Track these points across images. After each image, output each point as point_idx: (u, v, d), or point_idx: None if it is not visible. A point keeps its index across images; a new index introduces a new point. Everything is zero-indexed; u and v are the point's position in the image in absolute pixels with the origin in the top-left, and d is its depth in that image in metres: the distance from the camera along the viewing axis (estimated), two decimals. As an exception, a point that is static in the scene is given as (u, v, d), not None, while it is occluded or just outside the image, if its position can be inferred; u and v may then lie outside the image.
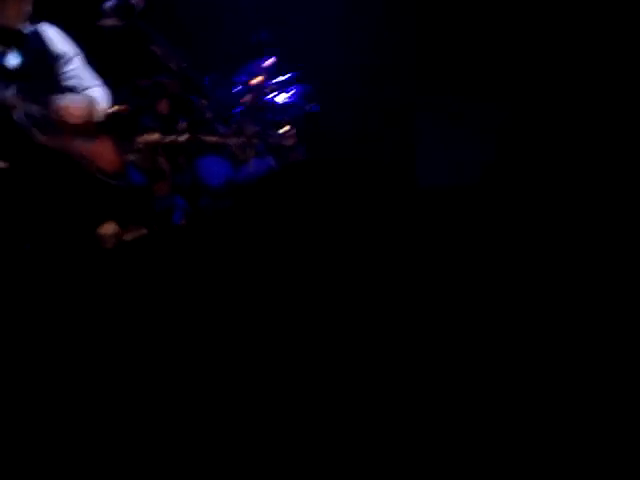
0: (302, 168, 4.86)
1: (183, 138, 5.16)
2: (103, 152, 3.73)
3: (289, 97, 5.66)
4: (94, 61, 3.91)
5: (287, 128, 5.53)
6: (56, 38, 3.72)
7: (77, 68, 3.76)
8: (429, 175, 5.40)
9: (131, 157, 5.10)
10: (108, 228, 4.92)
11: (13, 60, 3.55)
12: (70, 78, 3.72)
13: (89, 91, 3.76)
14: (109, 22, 4.36)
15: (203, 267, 4.77)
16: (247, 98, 5.46)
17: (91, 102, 3.70)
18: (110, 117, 4.10)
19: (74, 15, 4.33)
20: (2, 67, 3.51)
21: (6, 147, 3.46)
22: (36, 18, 3.69)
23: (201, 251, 4.97)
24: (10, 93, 3.41)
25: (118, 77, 5.18)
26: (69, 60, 3.74)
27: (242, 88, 5.53)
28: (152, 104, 5.25)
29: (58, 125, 3.55)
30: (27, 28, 3.64)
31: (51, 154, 3.54)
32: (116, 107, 5.05)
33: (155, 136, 5.16)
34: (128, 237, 4.95)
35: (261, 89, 5.52)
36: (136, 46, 4.75)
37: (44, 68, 3.64)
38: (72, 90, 3.73)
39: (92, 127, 3.72)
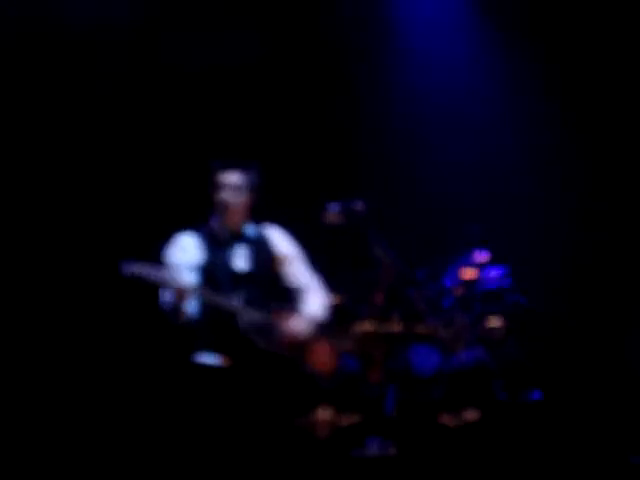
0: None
1: (397, 328, 5.38)
2: (318, 356, 3.89)
3: (499, 289, 5.77)
4: (313, 255, 4.16)
5: (497, 320, 5.63)
6: (279, 239, 3.93)
7: (298, 269, 3.99)
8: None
9: (347, 344, 5.34)
10: (323, 414, 5.12)
11: (240, 261, 3.83)
12: (291, 278, 3.95)
13: (309, 296, 3.96)
14: (333, 220, 4.69)
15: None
16: (458, 291, 5.64)
17: (311, 320, 3.90)
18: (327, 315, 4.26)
19: (294, 214, 4.70)
20: (229, 269, 3.81)
21: (229, 350, 3.72)
22: (258, 218, 3.92)
23: (413, 444, 5.06)
24: (236, 300, 3.70)
25: (338, 269, 5.52)
26: (292, 262, 3.97)
27: (454, 281, 5.72)
28: (368, 295, 5.52)
29: (278, 335, 3.78)
30: (250, 229, 3.90)
31: (270, 358, 3.75)
32: (335, 299, 5.36)
33: (371, 325, 5.41)
34: (343, 423, 5.13)
35: (472, 282, 5.69)
36: (355, 242, 5.07)
37: (267, 268, 3.90)
38: (292, 291, 3.95)
39: (309, 337, 3.92)
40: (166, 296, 3.60)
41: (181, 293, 3.51)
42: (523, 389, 5.43)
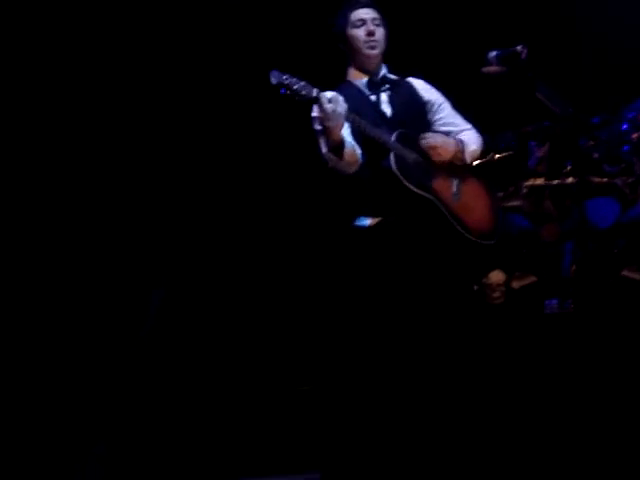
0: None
1: (570, 180, 5.02)
2: (475, 209, 3.64)
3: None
4: (470, 107, 3.89)
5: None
6: (423, 87, 3.77)
7: (447, 115, 3.76)
8: None
9: (517, 202, 5.06)
10: (496, 276, 4.90)
11: (386, 107, 3.64)
12: (441, 125, 3.73)
13: (461, 134, 3.73)
14: (494, 69, 4.35)
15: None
16: (636, 135, 5.18)
17: (460, 143, 3.67)
18: (487, 163, 4.01)
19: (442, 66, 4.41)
20: (380, 112, 3.61)
21: (379, 190, 3.54)
22: (401, 71, 3.77)
23: (593, 301, 4.79)
24: (390, 137, 3.48)
25: (502, 123, 5.19)
26: (439, 107, 3.75)
27: (631, 125, 5.27)
28: (537, 148, 5.18)
29: (430, 172, 3.54)
30: (390, 74, 3.70)
31: (419, 204, 3.52)
32: (499, 154, 5.05)
33: (541, 180, 5.08)
34: (516, 285, 4.90)
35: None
36: (520, 92, 4.70)
37: (414, 116, 3.68)
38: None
39: (463, 171, 3.66)
40: (318, 129, 3.43)
41: (332, 116, 3.29)
42: None
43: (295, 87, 3.27)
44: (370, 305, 3.55)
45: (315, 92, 3.31)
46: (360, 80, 3.66)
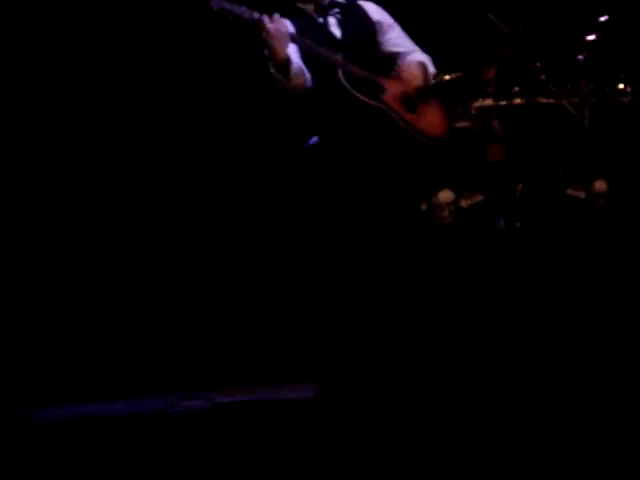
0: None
1: (517, 101, 5.09)
2: (428, 116, 3.74)
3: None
4: (417, 30, 3.93)
5: (623, 85, 5.28)
6: (373, 9, 3.83)
7: (397, 36, 3.82)
8: None
9: (465, 123, 5.12)
10: (444, 196, 4.98)
11: (335, 29, 3.68)
12: (390, 45, 3.79)
13: (413, 55, 3.80)
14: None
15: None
16: (582, 56, 5.25)
17: (422, 65, 3.75)
18: (440, 84, 4.10)
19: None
20: (328, 35, 3.66)
21: (328, 105, 3.60)
22: None
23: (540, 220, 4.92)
24: (338, 56, 3.55)
25: (448, 43, 5.22)
26: (388, 28, 3.81)
27: (577, 47, 5.33)
28: (484, 69, 5.22)
29: (380, 88, 3.61)
30: (341, 1, 3.74)
31: (372, 116, 3.59)
32: (449, 75, 5.09)
33: (489, 101, 5.14)
34: (465, 204, 4.99)
35: (594, 46, 5.30)
36: (470, 12, 4.74)
37: (363, 37, 3.74)
38: (394, 56, 3.79)
39: (421, 92, 3.74)
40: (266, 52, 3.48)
41: (276, 35, 3.38)
42: None
43: (236, 11, 3.34)
44: (324, 222, 3.63)
45: (257, 15, 3.40)
46: (308, 5, 3.71)
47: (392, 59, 3.85)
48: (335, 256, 3.60)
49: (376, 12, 3.84)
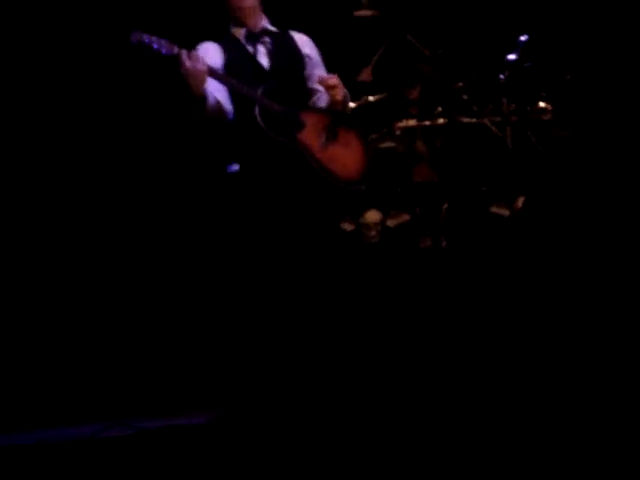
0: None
1: (440, 121, 5.18)
2: (344, 156, 3.73)
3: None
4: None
5: (544, 103, 5.40)
6: (303, 41, 3.85)
7: (322, 72, 3.86)
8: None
9: (390, 144, 5.19)
10: (371, 216, 5.05)
11: (263, 59, 3.71)
12: (314, 82, 3.82)
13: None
14: (365, 13, 4.44)
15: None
16: (503, 76, 5.35)
17: (346, 95, 3.78)
18: (364, 106, 4.12)
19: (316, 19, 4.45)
20: (255, 65, 3.68)
21: (246, 141, 3.63)
22: (281, 23, 3.84)
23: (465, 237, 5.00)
24: (257, 91, 3.56)
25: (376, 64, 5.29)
26: (315, 64, 3.84)
27: (498, 67, 5.44)
28: (408, 90, 5.31)
29: (299, 123, 3.63)
30: (273, 30, 3.77)
31: (287, 155, 3.62)
32: (372, 97, 5.18)
33: (413, 121, 5.23)
34: (391, 224, 5.06)
35: (515, 65, 5.40)
36: (391, 35, 4.82)
37: (291, 68, 3.76)
38: (316, 94, 3.82)
39: (335, 122, 3.74)
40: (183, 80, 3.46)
41: (192, 74, 3.39)
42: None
43: (155, 46, 3.35)
44: (242, 246, 3.66)
45: (176, 49, 3.40)
46: (241, 30, 3.72)
47: (315, 94, 3.86)
48: (255, 279, 3.62)
49: (307, 45, 3.84)
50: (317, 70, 3.82)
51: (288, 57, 3.77)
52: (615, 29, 5.52)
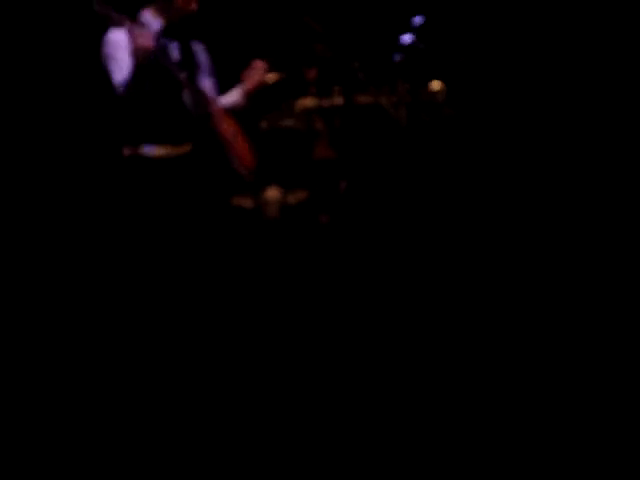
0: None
1: (337, 101, 5.30)
2: (243, 148, 3.92)
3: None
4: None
5: (437, 83, 5.55)
6: (200, 49, 4.08)
7: (210, 87, 4.01)
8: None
9: (290, 122, 5.29)
10: (271, 194, 5.14)
11: (176, 52, 3.83)
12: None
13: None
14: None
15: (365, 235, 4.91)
16: (398, 58, 5.49)
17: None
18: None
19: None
20: (188, 55, 3.83)
21: (174, 121, 3.72)
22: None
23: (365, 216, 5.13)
24: (183, 75, 3.69)
25: (273, 44, 5.37)
26: (207, 75, 4.01)
27: (394, 47, 5.57)
28: (305, 70, 5.40)
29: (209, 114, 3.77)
30: (184, 32, 3.89)
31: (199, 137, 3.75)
32: (272, 75, 5.24)
33: (310, 100, 5.33)
34: (291, 201, 5.16)
35: (410, 46, 5.54)
36: (288, 16, 4.89)
37: (194, 69, 3.91)
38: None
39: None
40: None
41: (142, 43, 3.46)
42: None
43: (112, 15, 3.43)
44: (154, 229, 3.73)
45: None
46: (155, 22, 3.80)
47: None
48: (153, 255, 3.70)
49: (203, 55, 4.05)
50: (206, 83, 4.05)
51: (192, 58, 3.98)
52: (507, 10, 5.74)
